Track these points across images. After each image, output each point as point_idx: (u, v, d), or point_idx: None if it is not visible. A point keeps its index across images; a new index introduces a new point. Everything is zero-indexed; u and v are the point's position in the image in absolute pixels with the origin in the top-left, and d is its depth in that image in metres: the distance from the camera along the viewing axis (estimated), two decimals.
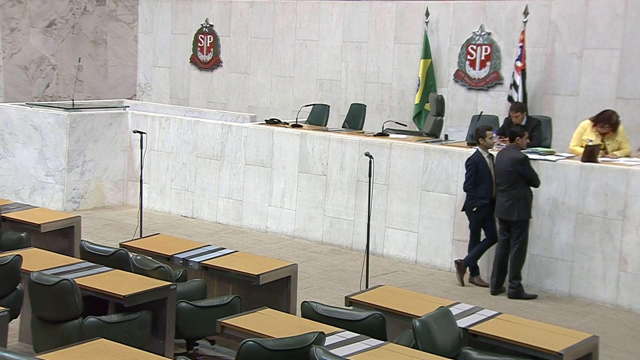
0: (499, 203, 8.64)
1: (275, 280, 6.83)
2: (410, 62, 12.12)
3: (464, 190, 8.93)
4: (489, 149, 8.90)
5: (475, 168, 8.78)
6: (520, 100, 10.62)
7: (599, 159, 8.73)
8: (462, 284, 8.93)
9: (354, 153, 10.13)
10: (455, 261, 9.06)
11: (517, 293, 8.56)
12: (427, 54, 11.78)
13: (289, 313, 6.47)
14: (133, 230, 9.87)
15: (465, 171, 8.93)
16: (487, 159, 8.83)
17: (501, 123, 10.34)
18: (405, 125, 11.42)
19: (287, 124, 11.27)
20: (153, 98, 15.12)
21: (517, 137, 8.60)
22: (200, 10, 14.54)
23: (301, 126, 11.10)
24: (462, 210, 9.01)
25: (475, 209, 8.81)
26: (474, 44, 11.56)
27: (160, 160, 11.93)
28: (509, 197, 8.49)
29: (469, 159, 8.89)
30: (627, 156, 9.06)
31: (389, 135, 10.51)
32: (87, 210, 11.70)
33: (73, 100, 12.73)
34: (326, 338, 5.06)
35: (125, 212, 11.82)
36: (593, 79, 10.63)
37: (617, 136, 9.18)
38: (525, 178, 8.46)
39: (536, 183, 8.52)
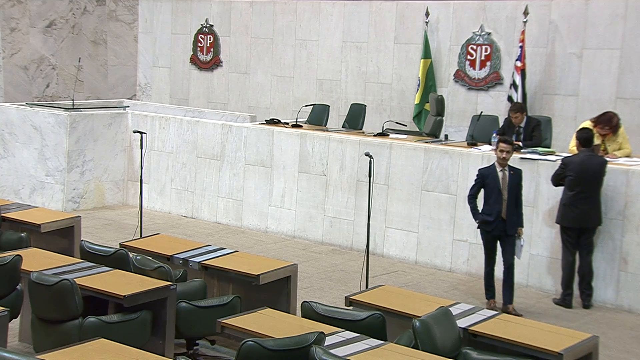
0: (579, 212, 8.19)
1: (275, 280, 6.83)
2: (410, 62, 12.12)
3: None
4: (503, 164, 7.94)
5: (480, 180, 8.04)
6: (520, 100, 10.62)
7: None
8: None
9: (354, 153, 10.13)
10: (502, 309, 7.86)
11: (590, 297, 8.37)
12: (427, 54, 11.78)
13: (289, 313, 6.46)
14: (133, 230, 9.87)
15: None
16: (499, 173, 7.93)
17: (501, 123, 10.33)
18: (405, 125, 11.42)
19: (287, 124, 11.26)
20: (153, 98, 15.12)
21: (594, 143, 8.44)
22: (200, 10, 14.53)
23: (301, 126, 11.10)
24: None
25: (477, 222, 8.11)
26: (474, 44, 11.56)
27: (160, 160, 11.92)
28: (593, 204, 8.22)
29: (479, 169, 8.21)
30: (628, 156, 9.05)
31: (389, 135, 10.51)
32: (87, 210, 11.69)
33: (73, 100, 12.73)
34: (326, 338, 5.06)
35: (125, 212, 11.81)
36: (593, 79, 10.64)
37: (617, 137, 9.17)
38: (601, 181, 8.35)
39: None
